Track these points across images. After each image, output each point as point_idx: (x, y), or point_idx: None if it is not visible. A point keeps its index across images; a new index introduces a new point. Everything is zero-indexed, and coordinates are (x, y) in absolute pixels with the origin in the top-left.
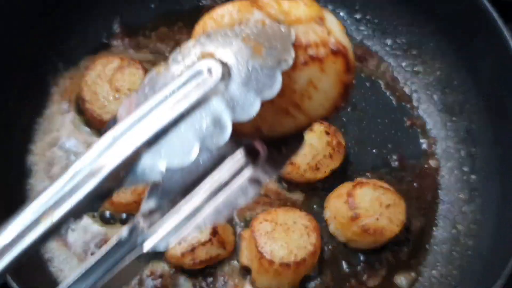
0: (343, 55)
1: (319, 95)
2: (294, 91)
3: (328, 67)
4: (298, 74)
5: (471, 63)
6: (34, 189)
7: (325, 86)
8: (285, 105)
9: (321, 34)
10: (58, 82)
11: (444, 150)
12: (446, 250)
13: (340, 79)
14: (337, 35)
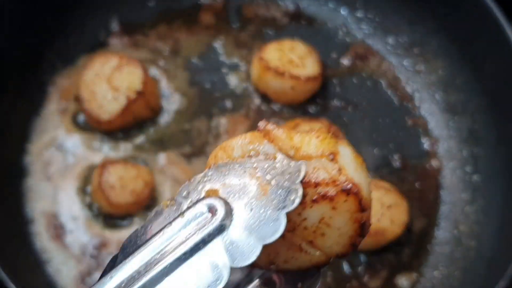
0: (354, 194)
1: (333, 233)
2: (305, 228)
3: (339, 205)
4: (308, 212)
5: (474, 62)
6: (31, 189)
7: (338, 223)
8: (297, 241)
9: (332, 172)
10: (56, 81)
11: (446, 150)
12: (448, 251)
13: (354, 217)
14: (349, 173)
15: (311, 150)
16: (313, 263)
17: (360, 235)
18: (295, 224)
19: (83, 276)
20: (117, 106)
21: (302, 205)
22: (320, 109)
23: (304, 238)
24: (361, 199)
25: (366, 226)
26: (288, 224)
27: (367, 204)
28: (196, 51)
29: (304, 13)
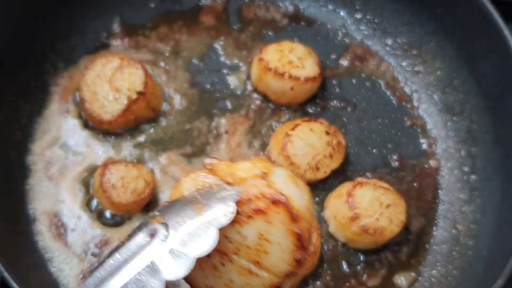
0: (283, 204)
1: (274, 248)
2: (248, 247)
3: (272, 217)
4: (246, 229)
5: (472, 63)
6: (34, 189)
7: (277, 238)
8: (246, 264)
9: (262, 188)
10: (58, 82)
11: (445, 150)
12: (446, 250)
13: (289, 229)
14: (278, 186)
15: (246, 173)
16: (269, 286)
17: (301, 248)
18: (239, 245)
19: (86, 275)
20: (118, 106)
21: (239, 223)
22: (319, 110)
23: (250, 259)
24: (292, 209)
25: (304, 238)
26: (231, 246)
27: (299, 214)
28: (197, 52)
29: (303, 15)
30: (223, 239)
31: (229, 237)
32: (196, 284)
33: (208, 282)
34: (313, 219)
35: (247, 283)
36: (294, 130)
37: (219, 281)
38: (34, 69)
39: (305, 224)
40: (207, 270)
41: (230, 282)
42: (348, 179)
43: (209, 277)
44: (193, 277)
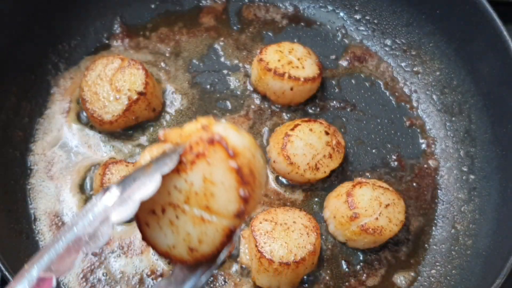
0: (218, 142)
1: (219, 189)
2: (196, 193)
3: (211, 157)
4: (191, 175)
5: (471, 64)
6: (35, 188)
7: (219, 177)
8: (197, 213)
9: (202, 135)
10: (59, 82)
11: (443, 150)
12: (445, 250)
13: (228, 166)
14: (214, 129)
15: (190, 129)
16: (221, 233)
17: (243, 184)
18: (187, 193)
19: (86, 274)
20: (119, 106)
21: (184, 172)
22: (319, 110)
23: (200, 205)
24: (228, 146)
25: (243, 172)
26: (181, 196)
27: (236, 150)
28: (197, 52)
29: (303, 15)
30: (173, 191)
31: (178, 187)
32: (159, 247)
33: (168, 241)
34: (253, 157)
35: (202, 232)
36: (293, 130)
37: (178, 237)
38: (35, 70)
39: (244, 160)
40: (165, 227)
41: (187, 236)
42: (348, 179)
43: (168, 235)
44: (155, 241)
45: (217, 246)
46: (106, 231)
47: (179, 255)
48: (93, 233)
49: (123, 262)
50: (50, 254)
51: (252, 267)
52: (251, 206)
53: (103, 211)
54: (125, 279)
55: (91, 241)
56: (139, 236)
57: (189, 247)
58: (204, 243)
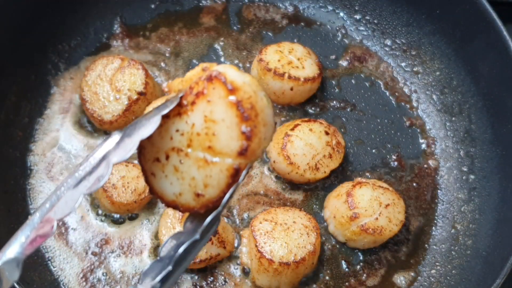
0: (216, 78)
1: (220, 127)
2: (198, 134)
3: (211, 95)
4: (192, 117)
5: (471, 64)
6: (35, 189)
7: (219, 115)
8: (200, 155)
9: (199, 74)
10: (59, 82)
11: (443, 150)
12: (445, 250)
13: (228, 102)
14: (213, 68)
15: (190, 74)
16: (225, 174)
17: (244, 119)
18: (190, 135)
19: (86, 273)
20: (119, 106)
21: (186, 114)
22: (319, 110)
23: (202, 146)
24: (226, 81)
25: (244, 107)
26: (183, 139)
27: (234, 85)
28: (197, 52)
29: (303, 15)
30: (176, 135)
31: (180, 130)
32: (166, 198)
33: (175, 188)
34: (253, 92)
35: (207, 176)
36: (293, 130)
37: (183, 183)
38: (35, 70)
39: (244, 95)
40: (170, 175)
41: (193, 180)
42: (348, 179)
43: (174, 183)
44: (162, 191)
45: (222, 188)
46: (105, 172)
47: (186, 203)
48: (93, 175)
49: (122, 262)
50: (51, 199)
51: (252, 267)
52: (256, 144)
53: (103, 154)
54: (125, 279)
55: (91, 182)
56: (138, 236)
57: (195, 192)
58: (209, 187)
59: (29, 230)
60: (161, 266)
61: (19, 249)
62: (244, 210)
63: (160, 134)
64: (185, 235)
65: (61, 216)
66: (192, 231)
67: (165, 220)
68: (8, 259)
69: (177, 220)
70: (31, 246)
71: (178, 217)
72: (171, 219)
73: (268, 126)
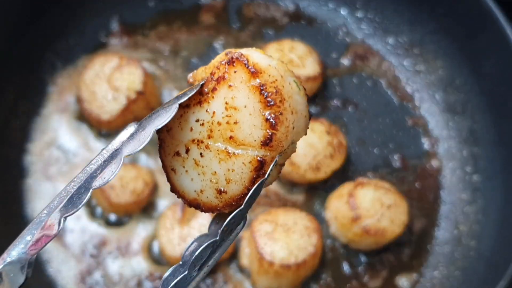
0: (238, 60)
1: (243, 114)
2: (219, 123)
3: (232, 79)
4: (212, 104)
5: (474, 62)
6: (32, 188)
7: (242, 101)
8: (222, 147)
9: (221, 57)
10: (56, 81)
11: (446, 150)
12: (448, 251)
13: (251, 87)
14: (237, 51)
15: (215, 61)
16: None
17: (269, 105)
18: (210, 125)
19: (83, 276)
20: (117, 106)
21: (206, 102)
22: (320, 109)
23: (224, 137)
24: (248, 63)
25: (268, 91)
26: (204, 130)
27: (258, 67)
28: (196, 51)
29: (304, 13)
30: (196, 125)
31: (200, 120)
32: (188, 196)
33: (196, 185)
34: (278, 74)
35: (229, 169)
36: None
37: (204, 179)
38: (32, 69)
39: (268, 78)
40: (190, 170)
41: (214, 175)
42: (349, 179)
43: (195, 178)
44: (183, 188)
45: (246, 184)
46: (116, 166)
47: (208, 201)
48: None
49: (120, 264)
50: (61, 195)
51: (252, 269)
52: (282, 133)
53: (116, 146)
54: (123, 281)
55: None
56: (136, 238)
57: (217, 189)
58: (232, 182)
59: (35, 228)
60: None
61: (23, 249)
62: None
63: (180, 125)
64: (208, 238)
65: (69, 213)
66: (215, 233)
67: (164, 222)
68: (12, 260)
69: (176, 221)
70: (35, 247)
71: (177, 218)
72: (170, 220)
73: (299, 115)
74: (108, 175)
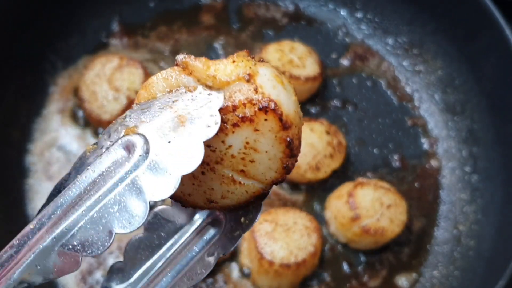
0: (272, 111)
1: (261, 157)
2: (232, 156)
3: (261, 126)
4: (231, 138)
5: (473, 62)
6: (33, 188)
7: (265, 146)
8: (228, 173)
9: (248, 93)
10: (57, 81)
11: (446, 150)
12: (448, 251)
13: (278, 137)
14: (266, 90)
15: (228, 76)
16: (250, 194)
17: (291, 156)
18: (221, 154)
19: (84, 275)
20: (118, 106)
21: (223, 132)
22: (320, 109)
23: (234, 168)
24: (282, 116)
25: (294, 145)
26: (214, 155)
27: (289, 120)
28: (197, 51)
29: (303, 14)
30: (206, 148)
31: (211, 146)
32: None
33: (186, 190)
34: (301, 123)
35: (229, 191)
36: None
37: (198, 189)
38: (33, 69)
39: (295, 130)
40: (184, 178)
41: (210, 190)
42: (349, 179)
43: (187, 185)
44: None
45: (240, 203)
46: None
47: (193, 201)
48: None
49: None
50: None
51: (252, 269)
52: (289, 173)
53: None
54: None
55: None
56: None
57: (208, 199)
58: (227, 199)
59: None
60: None
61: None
62: None
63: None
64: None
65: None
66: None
67: None
68: None
69: None
70: None
71: None
72: None
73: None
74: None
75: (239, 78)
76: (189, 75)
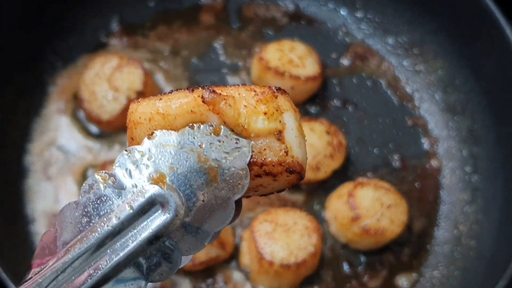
0: (297, 173)
1: (267, 190)
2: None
3: (281, 179)
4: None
5: (474, 62)
6: (32, 189)
7: (275, 187)
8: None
9: (279, 154)
10: (56, 81)
11: (446, 150)
12: (448, 251)
13: (289, 181)
14: (295, 153)
15: (258, 129)
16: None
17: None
18: None
19: None
20: (117, 106)
21: None
22: (320, 109)
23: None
24: (302, 173)
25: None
26: None
27: (304, 173)
28: (196, 51)
29: (304, 13)
30: None
31: None
32: None
33: None
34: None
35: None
36: None
37: None
38: (32, 69)
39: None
40: None
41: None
42: (349, 179)
43: None
44: None
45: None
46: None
47: None
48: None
49: None
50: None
51: (252, 269)
52: None
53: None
54: None
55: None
56: None
57: None
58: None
59: None
60: None
61: None
62: (244, 211)
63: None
64: None
65: None
66: None
67: None
68: None
69: None
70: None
71: None
72: None
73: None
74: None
75: (270, 132)
76: (217, 115)
